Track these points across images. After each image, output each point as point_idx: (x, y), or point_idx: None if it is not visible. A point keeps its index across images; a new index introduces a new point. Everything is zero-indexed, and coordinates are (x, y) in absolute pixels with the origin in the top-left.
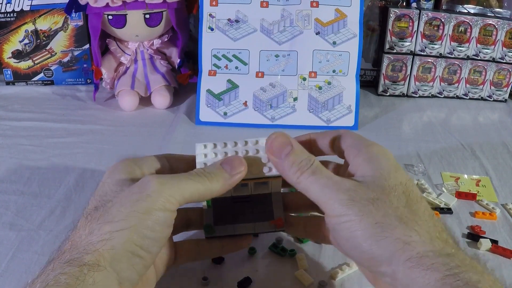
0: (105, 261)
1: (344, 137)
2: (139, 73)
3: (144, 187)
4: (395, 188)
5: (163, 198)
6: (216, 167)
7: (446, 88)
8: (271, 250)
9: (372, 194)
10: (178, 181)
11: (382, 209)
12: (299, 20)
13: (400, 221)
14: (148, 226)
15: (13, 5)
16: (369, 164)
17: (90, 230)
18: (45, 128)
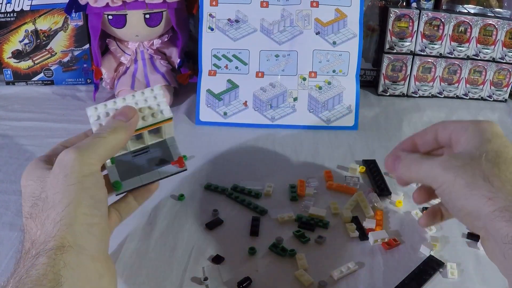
0: (68, 241)
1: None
2: (139, 73)
3: (63, 163)
4: (484, 155)
5: (84, 163)
6: (112, 121)
7: (446, 88)
8: (271, 250)
9: (462, 161)
10: (88, 144)
11: (470, 171)
12: (299, 20)
13: (485, 180)
14: (86, 193)
15: (13, 5)
16: (467, 139)
17: (40, 223)
18: (45, 128)
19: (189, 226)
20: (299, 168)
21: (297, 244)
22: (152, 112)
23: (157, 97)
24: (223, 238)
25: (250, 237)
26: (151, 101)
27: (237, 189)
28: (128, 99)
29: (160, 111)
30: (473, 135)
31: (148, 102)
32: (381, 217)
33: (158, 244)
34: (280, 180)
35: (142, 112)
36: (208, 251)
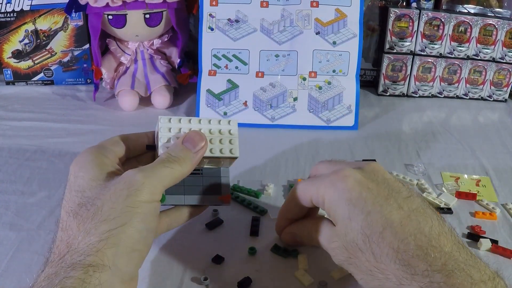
0: (108, 260)
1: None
2: (139, 73)
3: (130, 182)
4: (355, 241)
5: (149, 190)
6: (180, 148)
7: (446, 88)
8: (273, 251)
9: (344, 255)
10: (157, 172)
11: (357, 267)
12: (299, 20)
13: (370, 275)
14: (142, 219)
15: (13, 5)
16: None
17: (85, 231)
18: (45, 128)
19: (189, 226)
20: (299, 168)
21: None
22: (221, 147)
23: (232, 132)
24: (223, 238)
25: (250, 237)
26: (225, 133)
27: (237, 189)
28: (203, 123)
29: (230, 149)
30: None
31: (222, 135)
32: None
33: (158, 244)
34: (280, 180)
35: (212, 143)
36: (208, 251)
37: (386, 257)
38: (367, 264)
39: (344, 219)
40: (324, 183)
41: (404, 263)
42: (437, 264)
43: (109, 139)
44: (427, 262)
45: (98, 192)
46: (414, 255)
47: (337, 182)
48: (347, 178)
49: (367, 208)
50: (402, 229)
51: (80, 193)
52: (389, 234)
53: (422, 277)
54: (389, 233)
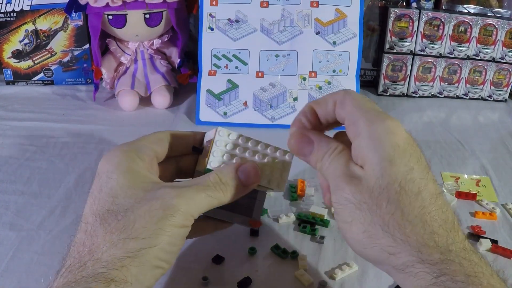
0: (131, 277)
1: (343, 105)
2: (139, 73)
3: (166, 206)
4: (386, 188)
5: (184, 217)
6: (231, 176)
7: (446, 88)
8: (273, 251)
9: (360, 197)
10: (197, 199)
11: (368, 216)
12: (299, 20)
13: (385, 231)
14: (171, 242)
15: (13, 5)
16: (366, 154)
17: (112, 242)
18: (45, 128)
19: None
20: (299, 168)
21: (297, 245)
22: (270, 178)
23: (285, 165)
24: (223, 238)
25: (250, 237)
26: (278, 165)
27: None
28: (260, 148)
29: (278, 182)
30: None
31: (274, 165)
32: None
33: None
34: None
35: (262, 172)
36: (208, 251)
37: (415, 218)
38: (388, 218)
39: (386, 161)
40: (370, 114)
41: (432, 230)
42: (459, 243)
43: (153, 135)
44: (452, 237)
45: (132, 203)
46: (442, 226)
47: (387, 122)
48: (398, 126)
49: (411, 164)
50: (436, 201)
51: (111, 198)
52: (425, 198)
53: (446, 251)
54: (426, 197)
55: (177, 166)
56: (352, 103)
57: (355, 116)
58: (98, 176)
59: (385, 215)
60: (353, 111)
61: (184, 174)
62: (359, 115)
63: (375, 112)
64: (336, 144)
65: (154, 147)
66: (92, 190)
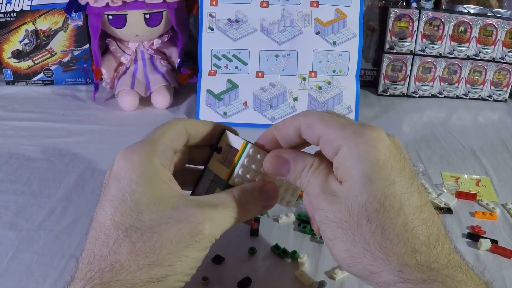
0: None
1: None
2: (139, 73)
3: (194, 230)
4: (365, 206)
5: (210, 240)
6: (255, 196)
7: (446, 88)
8: (273, 251)
9: (340, 215)
10: (222, 219)
11: (350, 235)
12: (299, 20)
13: (366, 249)
14: (193, 266)
15: (13, 5)
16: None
17: (137, 265)
18: (45, 128)
19: None
20: None
21: (297, 245)
22: (283, 196)
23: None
24: (223, 238)
25: (250, 237)
26: (292, 186)
27: None
28: None
29: (288, 201)
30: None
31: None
32: None
33: None
34: None
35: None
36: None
37: (396, 236)
38: (369, 237)
39: (363, 178)
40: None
41: (413, 248)
42: (444, 259)
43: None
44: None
45: (158, 222)
46: (425, 243)
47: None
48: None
49: (392, 178)
50: (420, 215)
51: (136, 213)
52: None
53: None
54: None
55: (190, 156)
56: (321, 123)
57: (330, 136)
58: (117, 180)
59: (366, 233)
60: (326, 131)
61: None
62: (334, 135)
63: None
64: (312, 159)
65: (173, 145)
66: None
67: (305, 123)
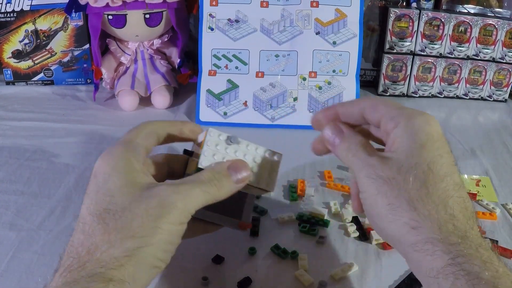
0: (129, 276)
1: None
2: (139, 73)
3: (164, 203)
4: (415, 167)
5: (181, 214)
6: (223, 173)
7: (446, 88)
8: (273, 251)
9: (389, 172)
10: (193, 195)
11: (395, 190)
12: (299, 20)
13: (410, 205)
14: (168, 241)
15: (13, 5)
16: (401, 140)
17: (110, 242)
18: (45, 128)
19: None
20: (299, 168)
21: (297, 245)
22: (260, 178)
23: (273, 165)
24: (223, 238)
25: (250, 237)
26: (267, 165)
27: None
28: (250, 148)
29: (267, 182)
30: (405, 135)
31: (264, 165)
32: None
33: None
34: (280, 180)
35: (252, 171)
36: (208, 251)
37: (438, 198)
38: (414, 193)
39: (417, 145)
40: (407, 110)
41: (452, 212)
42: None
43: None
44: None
45: (129, 202)
46: (461, 212)
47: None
48: (433, 119)
49: (440, 151)
50: (459, 189)
51: (109, 197)
52: (450, 184)
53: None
54: (450, 183)
55: (168, 169)
56: (386, 104)
57: (393, 113)
58: (94, 177)
59: (411, 190)
60: (389, 110)
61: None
62: (397, 112)
63: (411, 109)
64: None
65: (145, 143)
66: (89, 191)
67: (370, 104)
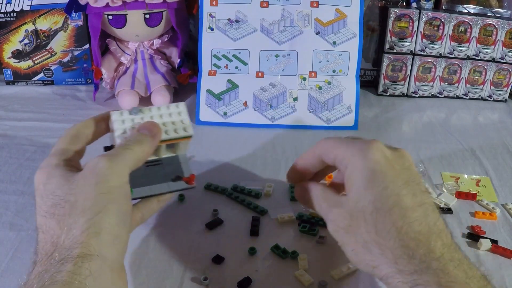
0: (94, 249)
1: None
2: (139, 73)
3: (96, 170)
4: (362, 211)
5: (116, 173)
6: (137, 134)
7: (446, 88)
8: (273, 251)
9: (346, 222)
10: (119, 155)
11: (353, 237)
12: (299, 20)
13: (365, 248)
14: (116, 203)
15: (13, 5)
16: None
17: (67, 227)
18: (45, 128)
19: (189, 226)
20: None
21: (297, 245)
22: (175, 127)
23: (181, 114)
24: (223, 238)
25: (250, 237)
26: (175, 116)
27: (237, 189)
28: (153, 110)
29: (183, 128)
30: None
31: (172, 117)
32: None
33: (158, 244)
34: (280, 180)
35: (165, 126)
36: (208, 251)
37: (387, 233)
38: (366, 236)
39: (360, 186)
40: (354, 147)
41: (403, 243)
42: (435, 253)
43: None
44: (426, 248)
45: (68, 188)
46: (415, 239)
47: (366, 150)
48: (377, 151)
49: (385, 183)
50: (410, 214)
51: (51, 196)
52: (397, 213)
53: (420, 262)
54: (397, 212)
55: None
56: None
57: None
58: (36, 190)
59: (364, 234)
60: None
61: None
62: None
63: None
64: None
65: (73, 147)
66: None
67: (324, 149)
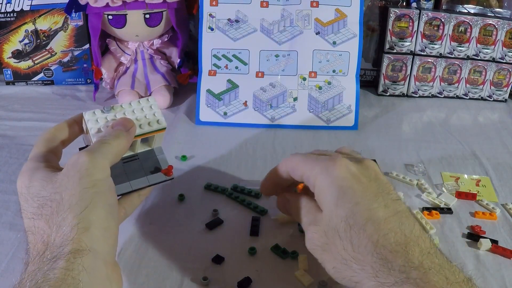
0: (86, 244)
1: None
2: (139, 73)
3: (77, 165)
4: (336, 228)
5: (98, 167)
6: (112, 130)
7: (446, 88)
8: (273, 251)
9: (322, 240)
10: (98, 150)
11: (331, 254)
12: (299, 20)
13: (344, 264)
14: (101, 196)
15: (13, 5)
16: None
17: (56, 225)
18: (45, 128)
19: (189, 226)
20: None
21: (297, 245)
22: (148, 121)
23: (152, 107)
24: (223, 238)
25: (250, 237)
26: (147, 110)
27: (237, 189)
28: (125, 106)
29: (156, 120)
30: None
31: (145, 112)
32: None
33: (158, 244)
34: None
35: (138, 120)
36: (208, 251)
37: (364, 248)
38: (343, 253)
39: (331, 205)
40: (319, 165)
41: (381, 256)
42: (414, 262)
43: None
44: (405, 258)
45: (52, 187)
46: (392, 250)
47: (331, 168)
48: (341, 167)
49: (355, 199)
50: (385, 225)
51: (36, 198)
52: (371, 227)
53: (399, 272)
54: (371, 226)
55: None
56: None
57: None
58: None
59: (341, 251)
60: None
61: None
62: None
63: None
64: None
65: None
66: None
67: (290, 166)
